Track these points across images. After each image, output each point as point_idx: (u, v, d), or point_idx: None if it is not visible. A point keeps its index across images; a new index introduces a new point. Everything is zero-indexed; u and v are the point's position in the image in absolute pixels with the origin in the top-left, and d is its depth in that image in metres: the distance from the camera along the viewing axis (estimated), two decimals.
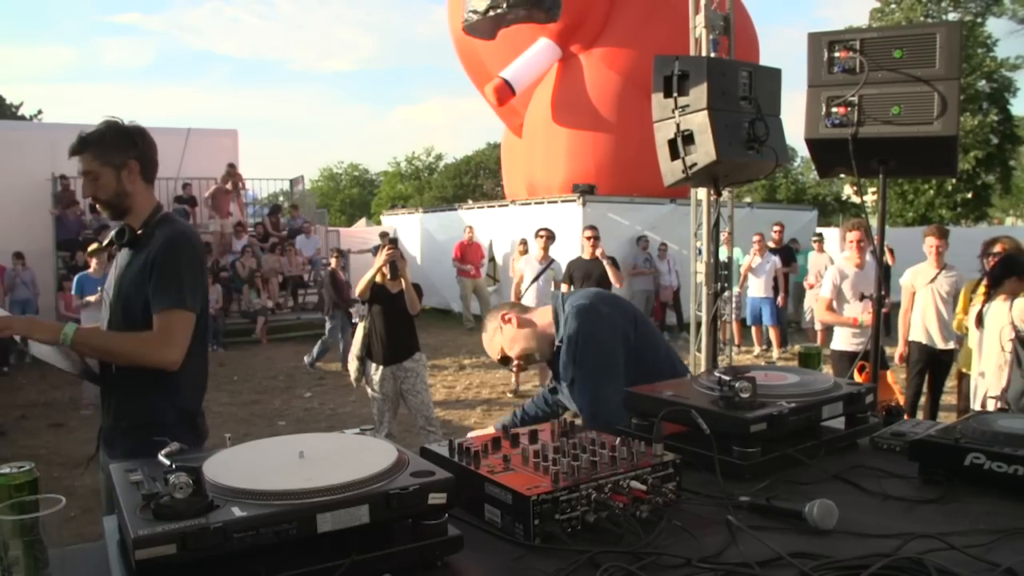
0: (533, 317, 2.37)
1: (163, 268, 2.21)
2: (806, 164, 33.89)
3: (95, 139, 2.25)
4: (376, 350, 5.28)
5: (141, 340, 2.19)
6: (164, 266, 2.21)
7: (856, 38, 3.29)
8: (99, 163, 2.24)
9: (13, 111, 28.77)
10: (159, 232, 2.27)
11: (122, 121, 2.32)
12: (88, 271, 8.15)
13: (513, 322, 2.36)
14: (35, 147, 13.59)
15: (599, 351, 2.18)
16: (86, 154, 2.24)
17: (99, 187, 2.27)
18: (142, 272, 2.22)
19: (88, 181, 2.27)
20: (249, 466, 1.23)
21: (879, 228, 3.70)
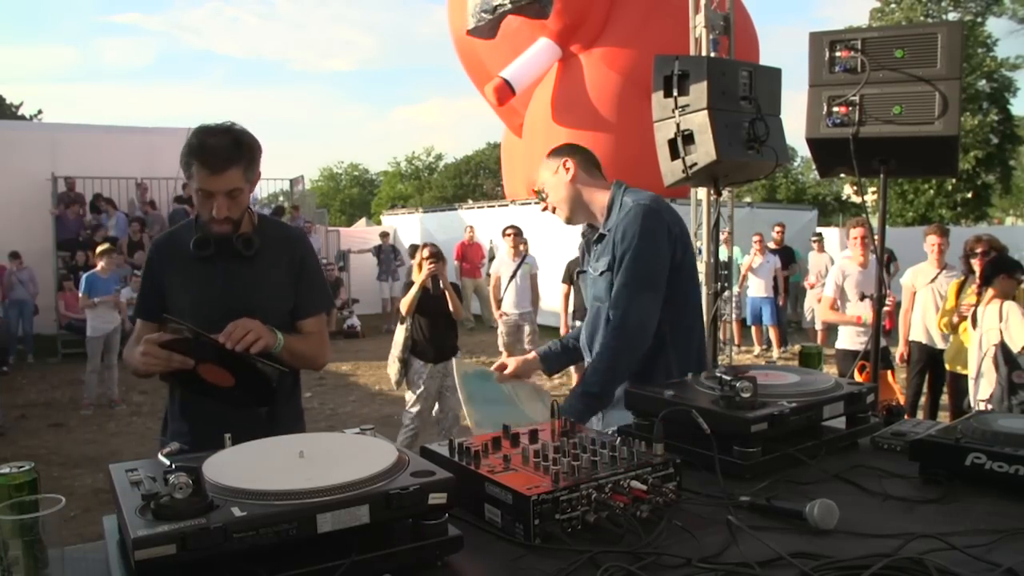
0: (592, 188, 2.36)
1: (314, 272, 2.21)
2: (806, 164, 33.91)
3: (246, 153, 1.98)
4: (426, 350, 5.55)
5: (317, 344, 2.18)
6: (315, 270, 2.21)
7: (857, 38, 3.29)
8: (244, 179, 2.00)
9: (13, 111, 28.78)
10: (277, 232, 2.18)
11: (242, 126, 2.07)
12: (96, 270, 8.15)
13: (571, 174, 2.35)
14: (35, 147, 13.60)
15: (651, 258, 2.17)
16: (233, 170, 1.95)
17: (237, 206, 2.02)
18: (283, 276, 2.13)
19: (227, 199, 1.98)
20: (249, 466, 1.23)
21: (879, 228, 3.70)
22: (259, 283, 2.10)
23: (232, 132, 1.99)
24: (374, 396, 8.50)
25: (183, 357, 1.88)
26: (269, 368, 1.93)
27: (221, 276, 2.08)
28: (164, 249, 2.18)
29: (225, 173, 1.94)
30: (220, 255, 2.06)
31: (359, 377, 9.64)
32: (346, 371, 10.06)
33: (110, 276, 8.16)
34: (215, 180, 1.94)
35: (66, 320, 11.25)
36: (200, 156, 1.93)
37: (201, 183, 1.95)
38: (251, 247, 2.07)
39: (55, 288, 11.94)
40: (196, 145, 1.94)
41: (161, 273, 2.14)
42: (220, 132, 1.97)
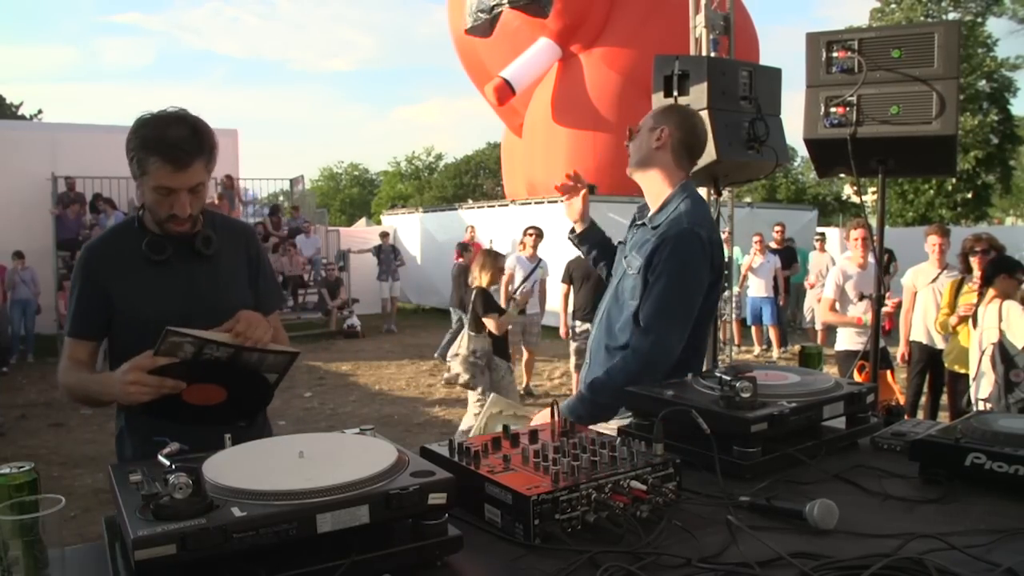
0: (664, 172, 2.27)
1: (268, 266, 2.09)
2: (806, 164, 33.87)
3: (207, 143, 1.81)
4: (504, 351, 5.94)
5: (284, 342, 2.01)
6: (268, 264, 2.09)
7: (854, 38, 3.29)
8: (207, 172, 1.84)
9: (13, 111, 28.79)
10: (226, 226, 2.03)
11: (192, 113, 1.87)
12: None
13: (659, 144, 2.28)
14: (35, 147, 13.60)
15: (690, 289, 2.13)
16: (197, 164, 1.79)
17: (199, 201, 1.86)
18: (243, 273, 2.01)
19: (193, 196, 1.83)
20: (249, 466, 1.23)
21: (879, 228, 3.70)
22: (223, 283, 1.95)
23: (188, 120, 1.79)
24: (374, 396, 8.50)
25: (175, 382, 1.67)
26: (282, 357, 1.77)
27: (182, 280, 1.90)
28: (104, 256, 1.93)
29: (190, 167, 1.76)
30: (178, 257, 1.89)
31: (359, 377, 9.65)
32: (346, 371, 10.07)
33: None
34: (179, 176, 1.76)
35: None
36: (161, 151, 1.74)
37: (162, 180, 1.77)
38: (211, 245, 1.91)
39: (55, 288, 11.95)
40: (154, 138, 1.75)
41: (105, 283, 1.89)
42: (176, 121, 1.77)
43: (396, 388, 8.93)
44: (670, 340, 2.10)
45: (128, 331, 1.89)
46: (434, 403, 8.13)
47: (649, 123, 2.33)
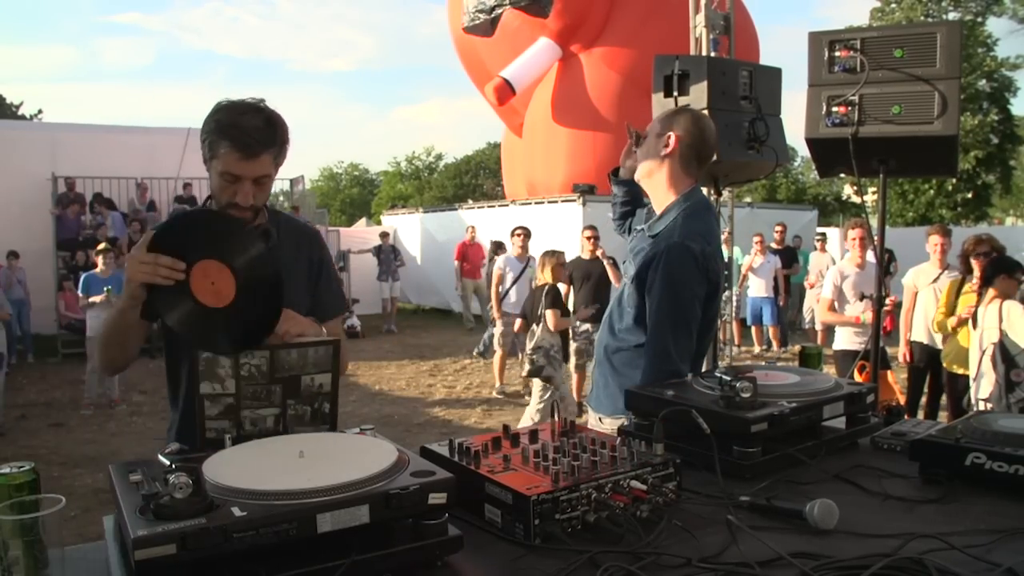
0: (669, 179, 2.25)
1: (332, 271, 2.07)
2: (806, 164, 33.89)
3: (279, 136, 1.81)
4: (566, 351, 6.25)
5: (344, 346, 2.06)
6: (333, 270, 2.07)
7: (856, 37, 3.29)
8: (274, 165, 1.84)
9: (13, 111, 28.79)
10: (292, 227, 2.04)
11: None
12: (95, 271, 8.14)
13: (667, 150, 2.23)
14: (35, 147, 13.58)
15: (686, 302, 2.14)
16: (265, 156, 1.79)
17: (263, 193, 1.85)
18: (302, 274, 1.99)
19: (257, 187, 1.82)
20: (249, 466, 1.23)
21: (879, 228, 3.70)
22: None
23: (264, 112, 1.79)
24: (374, 396, 8.50)
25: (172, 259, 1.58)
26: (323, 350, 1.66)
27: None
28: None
29: (258, 158, 1.76)
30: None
31: (359, 377, 9.64)
32: (346, 371, 10.06)
33: (111, 276, 8.16)
34: (247, 165, 1.75)
35: (66, 320, 11.24)
36: (232, 137, 1.73)
37: (229, 166, 1.76)
38: (269, 240, 1.89)
39: (55, 288, 11.94)
40: (227, 124, 1.75)
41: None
42: (252, 110, 1.77)
43: (396, 388, 8.93)
44: (670, 354, 2.10)
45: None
46: (434, 403, 8.13)
47: (656, 128, 2.28)
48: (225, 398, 1.58)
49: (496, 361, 8.50)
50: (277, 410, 1.62)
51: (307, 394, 1.64)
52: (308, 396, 1.65)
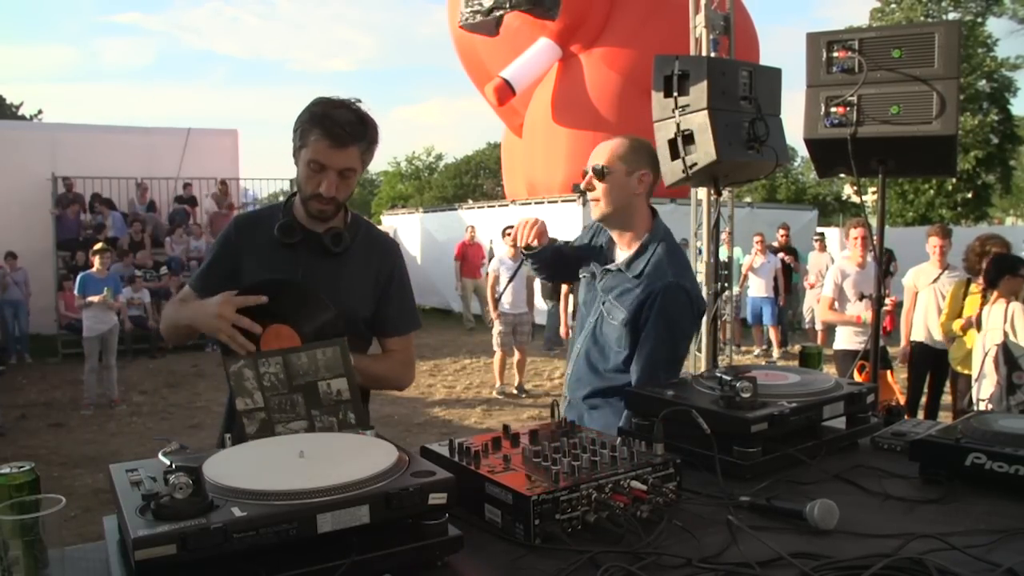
0: (640, 215, 2.26)
1: (405, 286, 2.06)
2: (806, 164, 33.87)
3: (370, 133, 1.87)
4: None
5: (400, 364, 2.06)
6: (406, 287, 2.06)
7: (855, 38, 3.29)
8: (360, 160, 1.88)
9: (13, 111, 28.79)
10: (370, 235, 2.04)
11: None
12: (91, 270, 8.15)
13: (642, 188, 2.22)
14: (35, 147, 13.58)
15: (681, 340, 2.19)
16: (353, 148, 1.83)
17: (346, 187, 1.89)
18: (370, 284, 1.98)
19: (341, 179, 1.85)
20: (249, 466, 1.23)
21: (879, 228, 3.70)
22: (341, 284, 1.93)
23: (356, 109, 1.86)
24: (374, 396, 8.46)
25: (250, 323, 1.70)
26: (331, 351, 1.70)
27: (302, 268, 1.91)
28: (247, 229, 2.01)
29: (347, 149, 1.81)
30: (305, 245, 1.91)
31: None
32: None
33: (108, 276, 8.16)
34: (335, 154, 1.80)
35: (66, 320, 11.25)
36: (324, 126, 1.79)
37: (317, 154, 1.80)
38: (340, 243, 1.91)
39: (55, 288, 11.94)
40: (320, 114, 1.81)
41: (239, 253, 1.97)
42: (346, 106, 1.84)
43: None
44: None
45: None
46: (434, 403, 8.13)
47: (623, 167, 2.21)
48: (258, 413, 1.65)
49: (496, 361, 8.50)
50: (306, 422, 1.66)
51: (328, 403, 1.67)
52: (330, 406, 1.68)
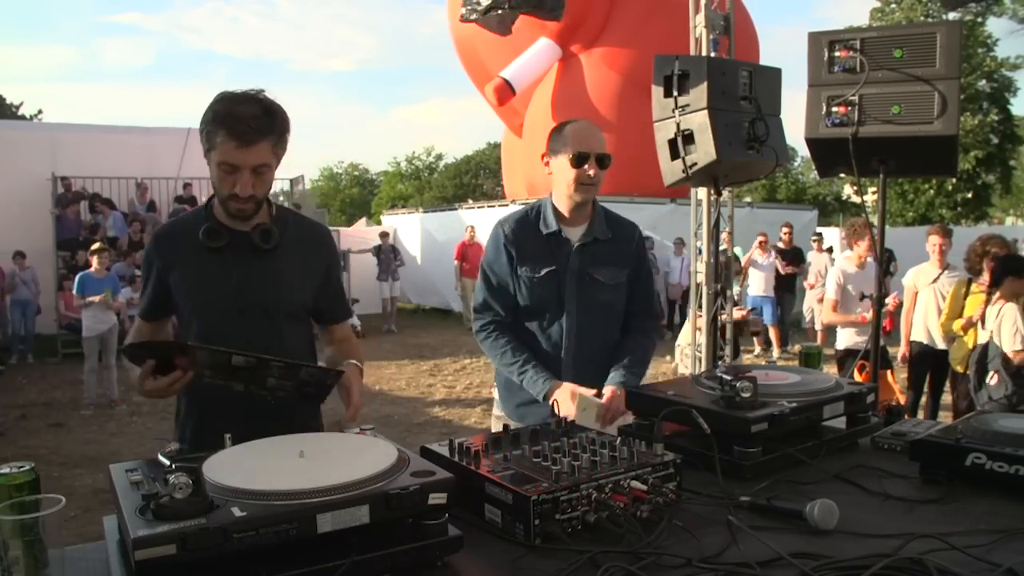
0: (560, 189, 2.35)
1: (336, 277, 2.06)
2: (806, 164, 33.88)
3: (278, 125, 1.78)
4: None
5: (358, 349, 2.07)
6: (336, 275, 2.06)
7: (856, 37, 3.29)
8: (273, 155, 1.79)
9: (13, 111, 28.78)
10: (300, 225, 2.00)
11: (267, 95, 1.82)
12: (90, 270, 8.15)
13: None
14: (35, 147, 13.57)
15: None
16: (263, 144, 1.75)
17: (263, 184, 1.81)
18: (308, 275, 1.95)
19: (255, 176, 1.78)
20: (249, 466, 1.23)
21: (879, 228, 3.70)
22: (278, 280, 1.89)
23: (262, 101, 1.77)
24: (374, 396, 8.50)
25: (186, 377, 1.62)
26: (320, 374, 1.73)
27: (235, 271, 1.86)
28: (167, 240, 1.95)
29: (255, 146, 1.73)
30: (234, 248, 1.85)
31: None
32: None
33: (107, 276, 8.16)
34: (244, 153, 1.73)
35: (66, 320, 11.25)
36: (228, 125, 1.72)
37: (226, 155, 1.74)
38: (270, 239, 1.86)
39: (55, 288, 11.94)
40: (224, 113, 1.73)
41: (167, 267, 1.91)
42: (249, 100, 1.76)
43: (396, 388, 8.93)
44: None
45: (181, 315, 1.93)
46: (434, 403, 8.13)
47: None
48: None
49: None
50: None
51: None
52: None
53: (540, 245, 2.31)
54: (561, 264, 2.30)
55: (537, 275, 2.30)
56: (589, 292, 2.31)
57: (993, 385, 4.19)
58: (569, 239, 2.32)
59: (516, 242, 2.31)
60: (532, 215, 2.36)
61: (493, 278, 2.34)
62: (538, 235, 2.32)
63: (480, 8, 12.27)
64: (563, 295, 2.30)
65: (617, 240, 2.36)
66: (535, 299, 2.31)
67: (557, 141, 2.34)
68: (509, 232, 2.33)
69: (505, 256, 2.31)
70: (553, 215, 2.32)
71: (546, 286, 2.30)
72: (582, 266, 2.31)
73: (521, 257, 2.31)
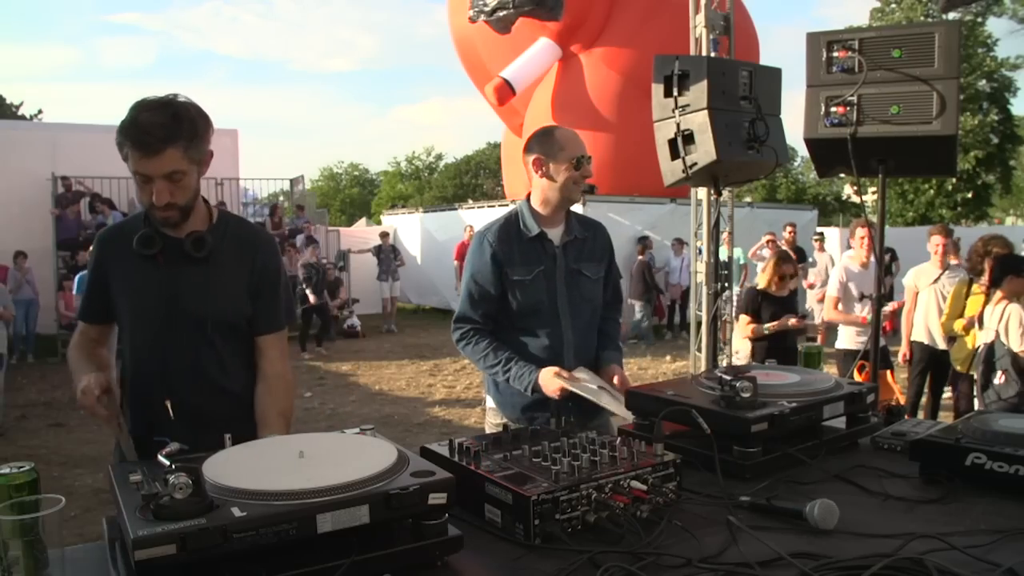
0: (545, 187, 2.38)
1: (275, 282, 1.98)
2: (806, 164, 33.88)
3: (187, 129, 1.73)
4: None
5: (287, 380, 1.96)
6: (276, 280, 1.98)
7: (855, 38, 3.28)
8: (187, 160, 1.74)
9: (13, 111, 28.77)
10: (239, 232, 1.95)
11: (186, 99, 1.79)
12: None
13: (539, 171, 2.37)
14: (35, 147, 13.57)
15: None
16: (170, 150, 1.71)
17: (181, 190, 1.77)
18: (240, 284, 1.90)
19: (168, 183, 1.75)
20: (249, 466, 1.23)
21: (879, 228, 3.70)
22: (209, 290, 1.86)
23: (171, 106, 1.73)
24: (374, 396, 8.50)
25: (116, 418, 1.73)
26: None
27: (166, 279, 1.84)
28: (109, 243, 1.93)
29: (161, 154, 1.69)
30: (167, 255, 1.83)
31: (359, 377, 9.64)
32: (346, 371, 10.06)
33: None
34: (151, 163, 1.70)
35: (67, 320, 11.25)
36: (132, 135, 1.69)
37: (135, 166, 1.72)
38: (202, 247, 1.82)
39: (55, 288, 11.95)
40: (128, 123, 1.71)
41: (106, 271, 1.90)
42: (157, 107, 1.72)
43: (396, 388, 8.93)
44: None
45: (119, 320, 1.93)
46: (434, 403, 8.13)
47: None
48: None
49: None
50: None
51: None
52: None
53: (526, 248, 2.38)
54: (548, 264, 2.39)
55: (529, 276, 2.36)
56: (577, 287, 2.41)
57: (1001, 384, 4.18)
58: (551, 240, 2.40)
59: (502, 249, 2.36)
60: (511, 221, 2.42)
61: (475, 289, 2.38)
62: (522, 239, 2.39)
63: (487, 9, 12.30)
64: (555, 292, 2.39)
65: (592, 237, 2.50)
66: (528, 300, 2.37)
67: (551, 147, 2.37)
68: (494, 240, 2.38)
69: (492, 264, 2.35)
70: (532, 218, 2.40)
71: (538, 286, 2.37)
72: (568, 263, 2.41)
73: (509, 262, 2.35)
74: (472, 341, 2.39)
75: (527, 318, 2.38)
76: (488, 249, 2.37)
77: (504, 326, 2.40)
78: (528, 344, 2.38)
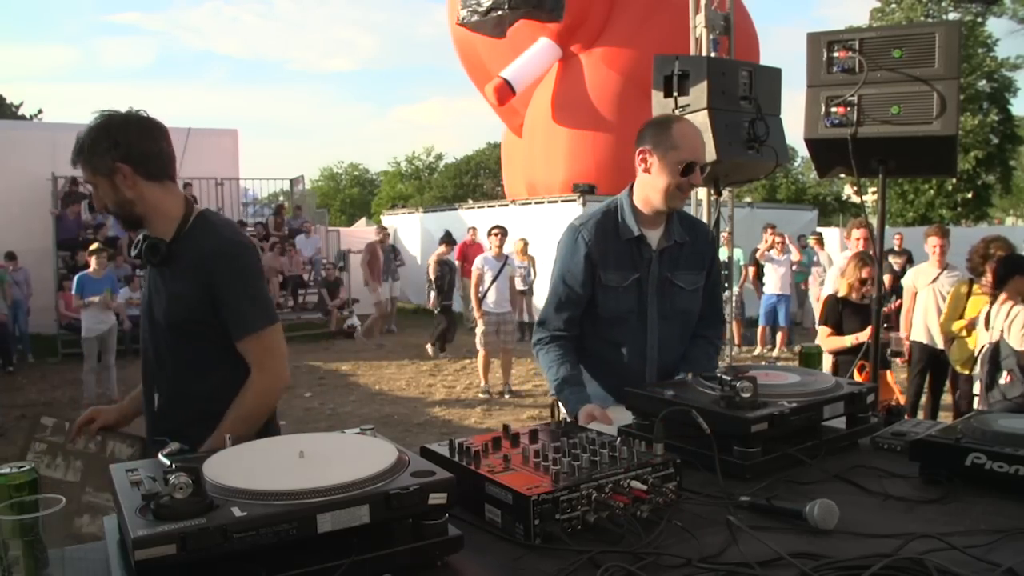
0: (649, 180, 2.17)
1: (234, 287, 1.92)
2: (806, 164, 33.88)
3: (80, 147, 1.94)
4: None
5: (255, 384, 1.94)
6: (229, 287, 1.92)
7: (855, 38, 3.29)
8: (90, 173, 1.93)
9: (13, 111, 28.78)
10: (198, 241, 1.93)
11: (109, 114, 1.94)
12: (88, 271, 8.15)
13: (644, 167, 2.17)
14: (35, 147, 13.57)
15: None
16: (81, 164, 1.95)
17: (100, 198, 1.97)
18: (187, 289, 1.91)
19: (95, 190, 1.98)
20: (249, 466, 1.23)
21: (879, 228, 3.70)
22: (166, 294, 1.95)
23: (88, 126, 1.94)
24: (374, 396, 8.50)
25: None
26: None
27: (148, 280, 2.07)
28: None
29: (78, 167, 1.96)
30: (144, 260, 2.00)
31: (359, 377, 9.65)
32: (346, 371, 10.06)
33: (104, 276, 8.16)
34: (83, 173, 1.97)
35: (66, 320, 11.25)
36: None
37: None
38: (156, 254, 1.92)
39: (55, 288, 11.94)
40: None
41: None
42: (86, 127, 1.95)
43: (396, 388, 8.93)
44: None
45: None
46: (434, 403, 8.13)
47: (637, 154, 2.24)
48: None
49: (479, 361, 8.52)
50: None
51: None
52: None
53: (622, 252, 2.17)
54: (643, 271, 2.17)
55: (624, 284, 2.16)
56: (669, 299, 2.20)
57: (1007, 384, 4.18)
58: (649, 244, 2.19)
59: (598, 248, 2.15)
60: (610, 216, 2.20)
61: (563, 291, 2.18)
62: (618, 240, 2.17)
63: (481, 9, 12.26)
64: (646, 303, 2.18)
65: (694, 242, 2.25)
66: (618, 309, 2.17)
67: (663, 140, 2.13)
68: (589, 239, 2.16)
69: (584, 264, 2.15)
70: (633, 217, 2.18)
71: (630, 296, 2.17)
72: (662, 272, 2.19)
73: (604, 265, 2.15)
74: (544, 349, 2.21)
75: (612, 328, 2.19)
76: (583, 247, 2.16)
77: (586, 331, 2.20)
78: (609, 356, 2.19)
